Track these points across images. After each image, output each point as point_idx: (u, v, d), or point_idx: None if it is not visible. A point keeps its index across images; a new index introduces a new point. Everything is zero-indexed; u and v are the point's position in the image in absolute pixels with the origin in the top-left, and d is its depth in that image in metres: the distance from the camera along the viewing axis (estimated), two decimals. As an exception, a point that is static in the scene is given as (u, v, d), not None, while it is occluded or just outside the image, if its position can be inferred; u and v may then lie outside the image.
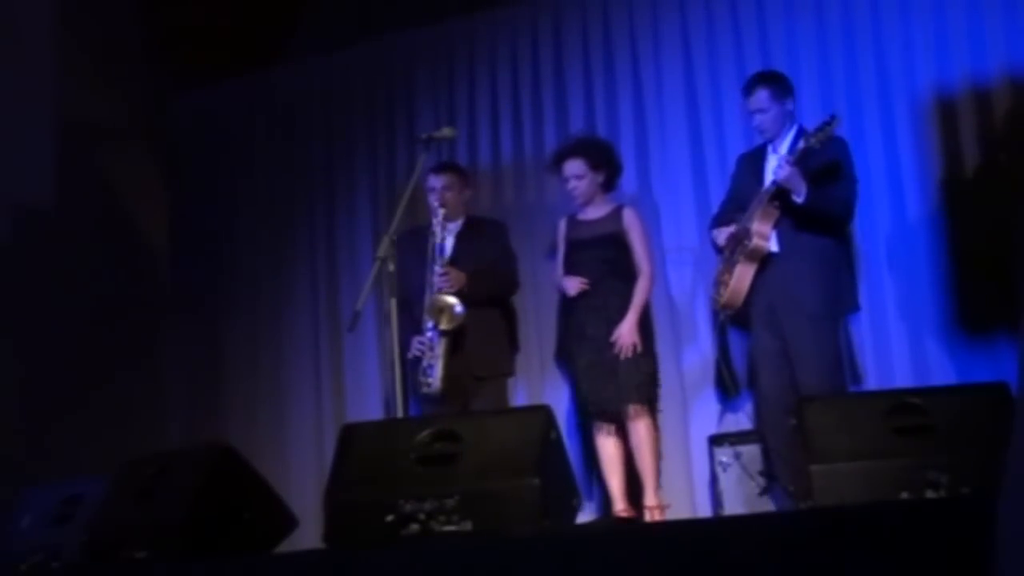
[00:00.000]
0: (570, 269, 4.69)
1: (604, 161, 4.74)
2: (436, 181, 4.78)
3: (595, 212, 4.73)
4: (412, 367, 4.55)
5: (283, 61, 6.34)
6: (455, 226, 4.79)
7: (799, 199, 4.11)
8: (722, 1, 5.21)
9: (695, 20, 5.26)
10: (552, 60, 5.57)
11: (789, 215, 4.18)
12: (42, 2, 5.72)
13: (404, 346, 4.52)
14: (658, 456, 4.56)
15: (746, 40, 5.14)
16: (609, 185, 4.76)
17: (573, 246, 4.72)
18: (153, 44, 6.22)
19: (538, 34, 5.62)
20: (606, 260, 4.63)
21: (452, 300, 4.51)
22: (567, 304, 4.73)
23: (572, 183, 4.70)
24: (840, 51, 4.96)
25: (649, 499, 4.48)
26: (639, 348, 4.49)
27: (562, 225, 4.81)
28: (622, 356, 4.47)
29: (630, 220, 4.68)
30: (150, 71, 6.26)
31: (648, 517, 4.41)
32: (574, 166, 4.69)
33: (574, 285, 4.61)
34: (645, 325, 4.60)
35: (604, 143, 4.91)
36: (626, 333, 4.48)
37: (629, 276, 4.62)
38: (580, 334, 4.62)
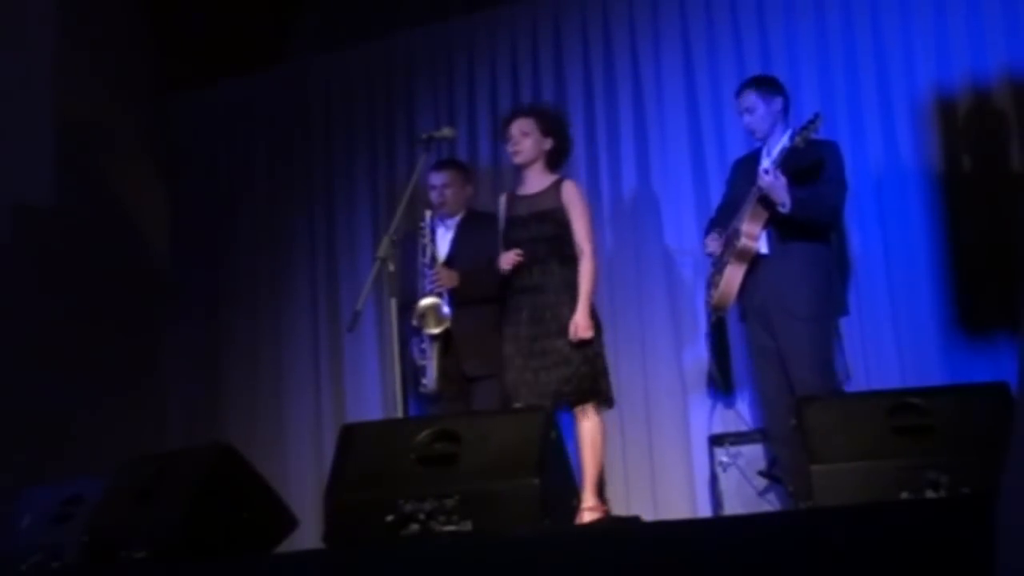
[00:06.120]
0: (507, 248, 4.41)
1: (555, 129, 4.50)
2: (436, 178, 4.77)
3: (534, 186, 4.47)
4: (415, 369, 4.54)
5: (283, 61, 6.35)
6: (454, 221, 4.77)
7: (783, 210, 4.08)
8: (722, 1, 5.21)
9: (695, 20, 5.26)
10: (552, 60, 5.57)
11: (774, 221, 4.16)
12: (43, 2, 5.72)
13: (408, 350, 4.54)
14: (601, 455, 4.29)
15: (746, 40, 5.14)
16: (555, 159, 4.50)
17: (510, 223, 4.46)
18: (153, 44, 6.23)
19: (538, 34, 5.62)
20: (543, 238, 4.36)
21: (433, 301, 4.44)
22: (505, 284, 4.43)
23: (516, 139, 4.43)
24: (840, 51, 4.95)
25: (587, 500, 4.13)
26: (591, 338, 4.26)
27: (502, 201, 4.58)
28: (570, 345, 4.23)
29: (569, 195, 4.40)
30: (150, 71, 6.26)
31: (579, 518, 3.92)
32: (522, 123, 4.47)
33: (508, 259, 4.35)
34: (593, 313, 4.32)
35: (560, 115, 4.72)
36: (580, 325, 4.23)
37: (570, 256, 4.35)
38: (515, 319, 4.36)
